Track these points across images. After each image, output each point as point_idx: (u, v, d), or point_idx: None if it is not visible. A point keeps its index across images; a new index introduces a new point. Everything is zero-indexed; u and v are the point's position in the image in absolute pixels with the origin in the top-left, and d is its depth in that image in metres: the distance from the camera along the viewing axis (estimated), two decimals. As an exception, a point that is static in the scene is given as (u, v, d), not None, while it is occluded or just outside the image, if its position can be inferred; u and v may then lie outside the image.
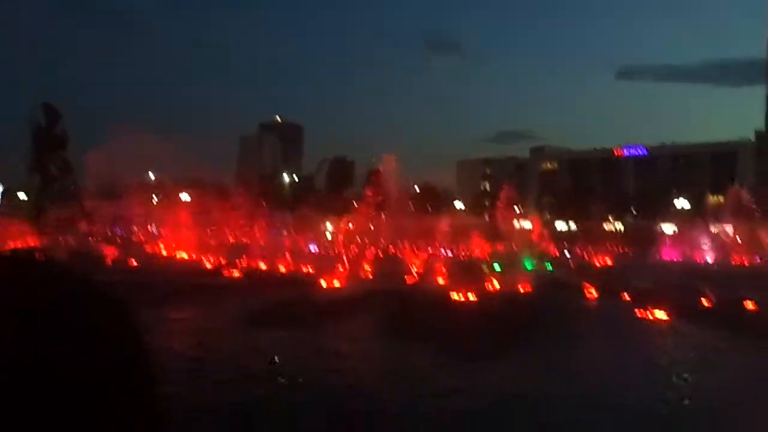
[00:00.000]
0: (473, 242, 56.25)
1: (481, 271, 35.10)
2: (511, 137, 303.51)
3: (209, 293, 25.24)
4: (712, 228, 78.11)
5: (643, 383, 13.25)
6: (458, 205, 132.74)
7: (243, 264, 37.84)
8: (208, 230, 49.15)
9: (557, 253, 53.48)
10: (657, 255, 73.22)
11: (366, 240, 58.72)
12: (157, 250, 50.93)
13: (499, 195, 69.14)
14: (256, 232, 56.66)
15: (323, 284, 29.05)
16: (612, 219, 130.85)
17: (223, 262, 38.87)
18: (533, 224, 57.30)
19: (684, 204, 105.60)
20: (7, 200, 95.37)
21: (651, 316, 21.78)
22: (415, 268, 33.67)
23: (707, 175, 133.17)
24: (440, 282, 30.61)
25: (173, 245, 50.59)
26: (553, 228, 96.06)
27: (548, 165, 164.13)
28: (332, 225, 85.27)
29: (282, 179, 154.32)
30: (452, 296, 25.43)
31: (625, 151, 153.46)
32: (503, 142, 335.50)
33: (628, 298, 26.42)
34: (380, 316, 20.88)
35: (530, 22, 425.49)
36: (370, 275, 34.28)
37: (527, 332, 18.92)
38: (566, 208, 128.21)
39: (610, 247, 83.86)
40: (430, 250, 57.21)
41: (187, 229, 55.02)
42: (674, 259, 69.58)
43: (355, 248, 40.27)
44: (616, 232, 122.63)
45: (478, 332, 18.89)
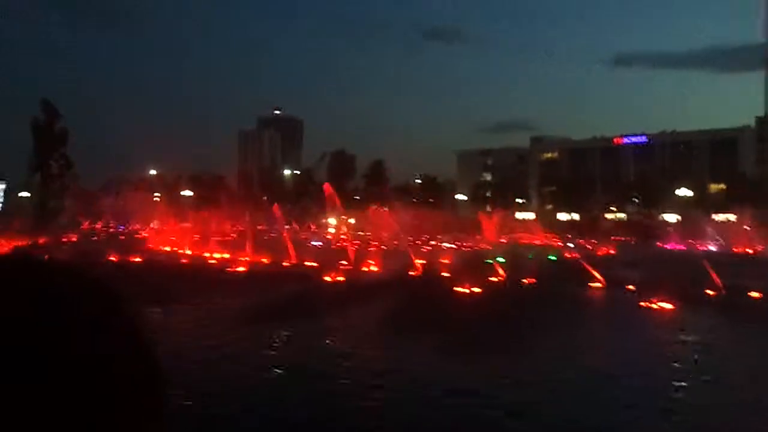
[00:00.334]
0: (476, 234, 56.21)
1: (485, 263, 35.11)
2: (511, 127, 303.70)
3: (213, 289, 25.26)
4: (714, 216, 78.04)
5: (649, 368, 13.29)
6: (460, 196, 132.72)
7: (247, 259, 37.86)
8: (211, 225, 49.14)
9: (560, 243, 53.44)
10: (659, 244, 73.29)
11: (368, 233, 58.75)
12: (159, 245, 50.94)
13: (501, 186, 69.12)
14: (259, 227, 56.69)
15: (327, 279, 29.07)
16: (614, 208, 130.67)
17: (226, 258, 38.89)
18: (535, 215, 57.25)
19: (685, 192, 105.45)
20: (9, 198, 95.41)
21: (655, 306, 21.78)
22: (419, 261, 33.66)
23: (707, 163, 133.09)
24: (444, 275, 30.60)
25: (175, 241, 50.60)
26: (555, 218, 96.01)
27: (548, 155, 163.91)
28: (334, 218, 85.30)
29: (282, 173, 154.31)
30: (456, 289, 25.43)
31: (625, 140, 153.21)
32: (503, 132, 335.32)
33: (632, 287, 26.45)
34: (384, 311, 20.90)
35: (529, 12, 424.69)
36: (373, 268, 34.28)
37: (533, 324, 18.93)
38: (568, 198, 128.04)
39: (613, 237, 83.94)
40: (433, 242, 57.25)
41: (189, 224, 55.10)
42: (677, 247, 69.60)
43: (357, 241, 40.25)
44: (618, 221, 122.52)
45: (482, 325, 18.93)
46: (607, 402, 11.13)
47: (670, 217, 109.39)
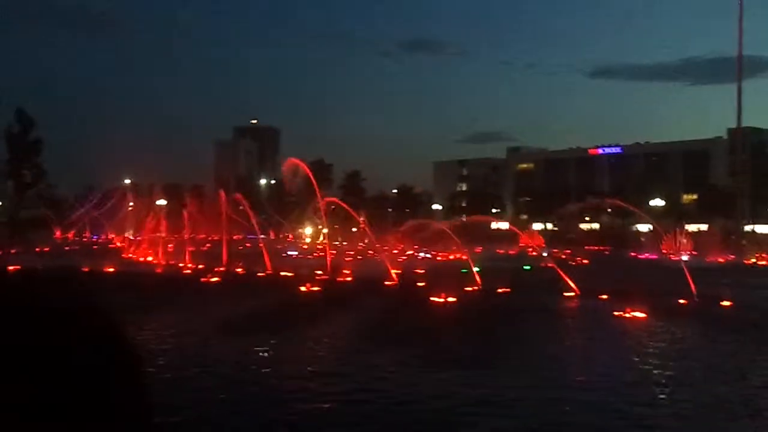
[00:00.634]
0: (451, 244, 56.42)
1: (460, 273, 35.28)
2: (488, 138, 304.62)
3: (187, 299, 25.13)
4: (687, 226, 78.98)
5: (619, 373, 13.47)
6: (436, 206, 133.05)
7: (221, 269, 37.70)
8: (186, 235, 48.90)
9: (535, 252, 53.83)
10: (632, 253, 74.04)
11: (345, 242, 58.80)
12: (134, 255, 50.59)
13: (476, 196, 69.51)
14: (234, 236, 56.47)
15: (302, 288, 29.02)
16: (588, 218, 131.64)
17: (201, 267, 38.69)
18: (510, 225, 57.65)
19: (658, 202, 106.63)
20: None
21: (628, 315, 22.03)
22: (395, 271, 33.73)
23: (680, 174, 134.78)
24: (420, 284, 30.70)
25: (150, 251, 50.28)
26: (530, 228, 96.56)
27: (524, 165, 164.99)
28: (311, 228, 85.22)
29: (258, 182, 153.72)
30: (432, 299, 25.52)
31: (600, 151, 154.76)
32: (481, 142, 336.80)
33: (605, 297, 26.72)
34: (359, 322, 20.95)
35: (506, 24, 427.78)
36: (349, 278, 34.30)
37: (506, 333, 19.08)
38: (543, 208, 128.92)
39: (587, 246, 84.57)
40: (408, 252, 57.37)
41: (164, 234, 54.77)
42: (650, 257, 70.32)
43: (333, 251, 40.25)
44: (592, 231, 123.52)
45: (458, 335, 19.05)
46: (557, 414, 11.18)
47: (642, 227, 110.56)
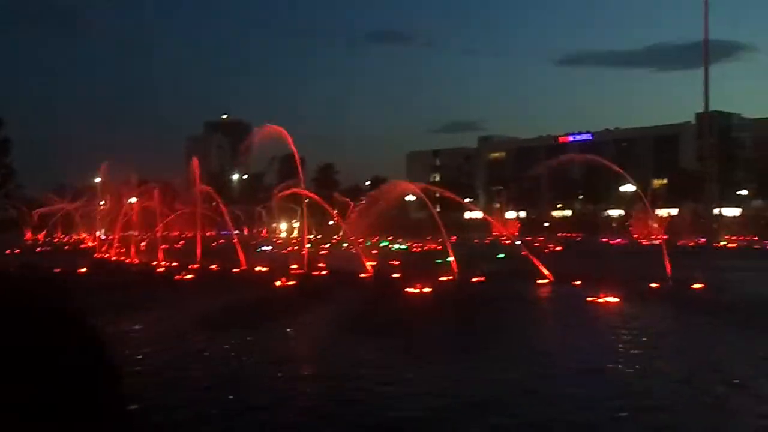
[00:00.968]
0: (425, 234, 56.65)
1: (435, 263, 35.44)
2: (461, 127, 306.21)
3: (161, 298, 24.98)
4: (657, 211, 79.98)
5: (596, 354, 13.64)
6: (409, 197, 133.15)
7: (196, 266, 37.47)
8: (158, 233, 48.47)
9: (509, 241, 54.18)
10: (604, 239, 74.86)
11: (319, 236, 58.71)
12: (106, 254, 50.10)
13: (449, 186, 69.80)
14: (207, 233, 56.13)
15: (278, 283, 28.95)
16: (560, 205, 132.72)
17: (174, 265, 38.42)
18: (483, 214, 57.99)
19: (629, 188, 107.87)
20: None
21: (601, 300, 22.29)
22: (370, 263, 33.79)
23: (650, 159, 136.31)
24: (395, 276, 30.80)
25: (122, 250, 49.83)
26: (503, 216, 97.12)
27: (496, 154, 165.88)
28: (285, 222, 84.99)
29: (230, 178, 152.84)
30: (407, 290, 25.63)
31: (570, 138, 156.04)
32: (453, 132, 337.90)
33: (578, 283, 27.02)
34: (335, 313, 21.00)
35: (476, 13, 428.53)
36: (324, 272, 34.30)
37: (483, 322, 19.23)
38: (515, 197, 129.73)
39: (559, 233, 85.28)
40: (382, 243, 57.45)
41: (136, 232, 54.27)
42: (621, 242, 71.09)
43: (308, 245, 40.15)
44: (564, 218, 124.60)
45: (435, 326, 19.17)
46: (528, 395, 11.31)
47: (613, 213, 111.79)
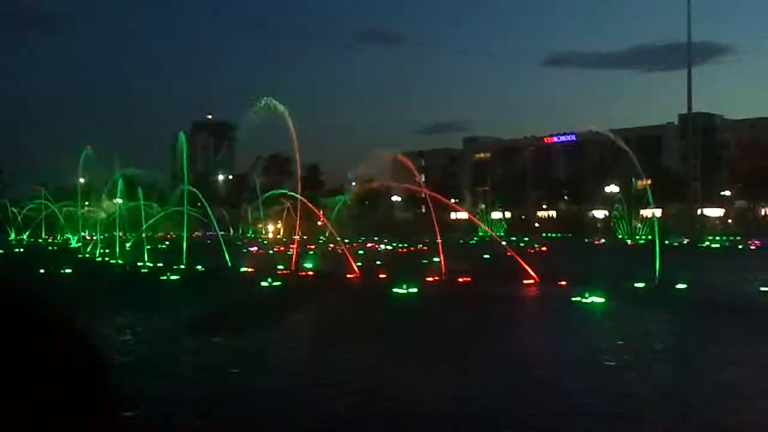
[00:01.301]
0: (411, 235, 56.80)
1: (421, 264, 35.56)
2: (446, 128, 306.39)
3: (147, 299, 24.91)
4: (641, 211, 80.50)
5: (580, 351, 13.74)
6: (395, 198, 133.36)
7: (181, 267, 37.36)
8: (143, 233, 48.29)
9: (494, 241, 54.51)
10: (588, 239, 75.33)
11: (305, 236, 58.67)
12: (91, 255, 49.84)
13: (434, 187, 69.99)
14: (193, 233, 56.00)
15: (264, 284, 28.93)
16: (545, 206, 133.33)
17: (160, 266, 38.29)
18: (468, 215, 58.18)
19: (613, 189, 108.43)
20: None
21: (587, 300, 22.44)
22: (357, 264, 33.83)
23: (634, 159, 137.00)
24: (382, 276, 30.87)
25: (107, 250, 49.60)
26: (489, 217, 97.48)
27: (481, 155, 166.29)
28: (271, 223, 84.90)
29: (216, 177, 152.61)
30: (394, 290, 25.69)
31: (555, 139, 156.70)
32: (438, 133, 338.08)
33: (564, 283, 27.19)
34: (321, 314, 21.03)
35: (462, 13, 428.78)
36: (310, 272, 34.31)
37: (470, 324, 19.34)
38: (500, 197, 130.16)
39: (545, 234, 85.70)
40: (370, 244, 57.55)
41: (121, 233, 53.99)
42: (605, 242, 71.55)
43: (294, 245, 40.15)
44: (549, 218, 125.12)
45: (422, 327, 19.23)
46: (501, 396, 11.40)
47: (598, 213, 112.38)
